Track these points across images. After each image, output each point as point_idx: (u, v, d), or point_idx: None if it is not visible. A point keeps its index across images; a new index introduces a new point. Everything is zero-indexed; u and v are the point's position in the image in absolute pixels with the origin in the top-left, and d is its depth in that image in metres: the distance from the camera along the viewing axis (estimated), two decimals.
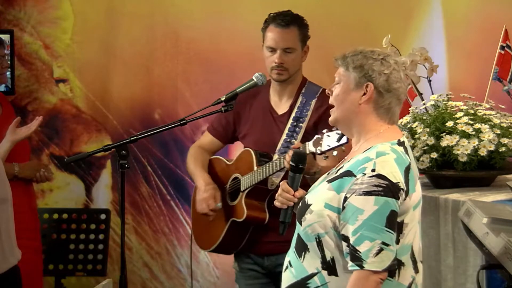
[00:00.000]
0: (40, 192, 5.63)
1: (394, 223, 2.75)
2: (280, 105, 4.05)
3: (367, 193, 2.73)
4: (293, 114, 3.98)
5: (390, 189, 2.74)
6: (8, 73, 5.12)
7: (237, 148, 4.32)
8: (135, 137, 3.62)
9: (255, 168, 3.92)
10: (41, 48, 5.71)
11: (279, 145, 3.96)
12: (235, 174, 4.05)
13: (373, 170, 2.75)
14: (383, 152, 2.80)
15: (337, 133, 3.37)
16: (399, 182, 2.76)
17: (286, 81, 4.00)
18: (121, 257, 3.58)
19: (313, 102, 3.97)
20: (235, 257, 4.15)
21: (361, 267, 2.72)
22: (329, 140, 3.41)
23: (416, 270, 2.87)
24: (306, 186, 3.06)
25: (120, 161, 3.54)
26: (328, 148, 3.42)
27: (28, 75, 5.71)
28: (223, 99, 3.73)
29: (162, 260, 5.74)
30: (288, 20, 3.97)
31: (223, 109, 3.72)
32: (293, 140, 3.92)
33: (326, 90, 3.00)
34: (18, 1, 5.69)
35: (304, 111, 3.97)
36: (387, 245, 2.72)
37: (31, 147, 5.08)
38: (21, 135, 4.40)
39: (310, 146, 3.53)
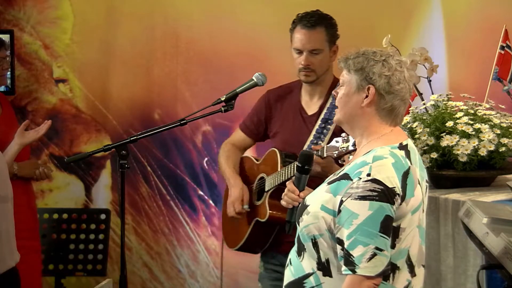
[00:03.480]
0: (40, 192, 5.63)
1: (389, 228, 2.73)
2: (311, 106, 4.04)
3: (362, 198, 2.72)
4: (322, 116, 3.96)
5: (385, 194, 2.72)
6: (8, 73, 5.12)
7: (266, 145, 4.32)
8: (135, 137, 3.62)
9: (279, 168, 3.91)
10: (40, 48, 5.71)
11: (305, 146, 3.95)
12: (261, 174, 4.05)
13: (369, 175, 2.74)
14: (380, 156, 2.79)
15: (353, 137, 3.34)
16: (395, 187, 2.74)
17: (315, 82, 3.99)
18: (121, 257, 3.58)
19: None
20: (261, 256, 4.16)
21: (354, 271, 2.71)
22: (346, 144, 3.38)
23: (412, 274, 2.85)
24: None
25: (120, 161, 3.54)
26: (344, 152, 3.39)
27: (28, 75, 5.70)
28: (223, 99, 3.73)
29: (162, 260, 5.73)
30: (314, 21, 3.94)
31: (223, 109, 3.72)
32: (320, 142, 3.91)
33: (332, 92, 2.99)
34: (17, 1, 5.69)
35: (334, 112, 3.96)
36: (381, 250, 2.71)
37: (31, 147, 5.07)
38: (30, 138, 4.40)
39: (325, 150, 3.52)
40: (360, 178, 2.74)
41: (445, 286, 3.67)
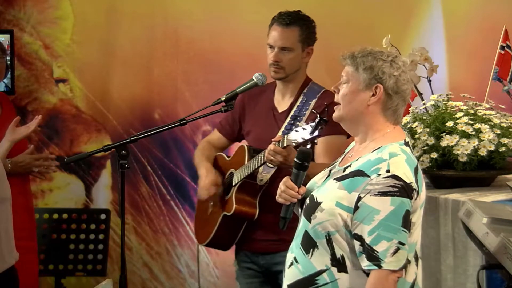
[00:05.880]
0: (40, 192, 5.63)
1: (408, 223, 2.78)
2: (282, 103, 4.06)
3: (383, 194, 2.75)
4: (291, 113, 3.99)
5: (405, 190, 2.76)
6: (8, 73, 5.11)
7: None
8: (135, 137, 3.62)
9: (246, 162, 3.95)
10: (41, 48, 5.71)
11: None
12: (231, 170, 4.08)
13: (388, 171, 2.78)
14: (394, 153, 2.83)
15: (311, 126, 3.36)
16: (412, 183, 2.79)
17: (285, 79, 4.02)
18: (121, 257, 3.58)
19: (313, 102, 3.97)
20: (236, 255, 4.17)
21: (380, 266, 2.74)
22: (304, 133, 3.42)
23: (417, 266, 2.90)
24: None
25: (120, 161, 3.54)
26: (302, 140, 3.43)
27: (28, 75, 5.70)
28: (223, 99, 3.74)
29: (162, 260, 5.74)
30: (290, 19, 3.98)
31: (223, 109, 3.73)
32: None
33: (332, 88, 3.00)
34: (18, 1, 5.69)
35: (303, 110, 3.98)
36: (403, 244, 2.75)
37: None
38: (21, 134, 4.38)
39: (287, 139, 3.55)
40: (379, 175, 2.77)
41: (445, 286, 3.67)
